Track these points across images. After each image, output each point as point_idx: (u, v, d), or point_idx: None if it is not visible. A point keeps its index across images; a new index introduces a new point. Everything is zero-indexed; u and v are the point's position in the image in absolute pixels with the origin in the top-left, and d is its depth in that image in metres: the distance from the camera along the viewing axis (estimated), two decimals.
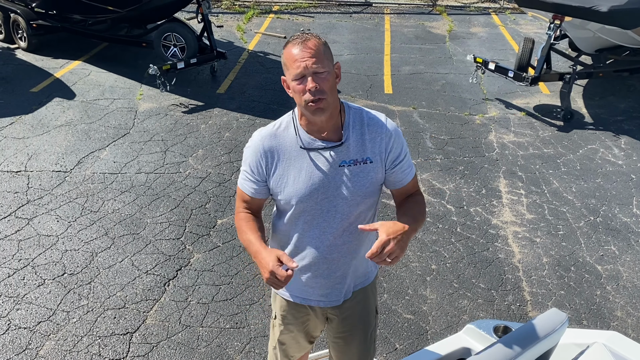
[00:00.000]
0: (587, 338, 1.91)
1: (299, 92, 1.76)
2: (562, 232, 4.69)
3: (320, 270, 2.03)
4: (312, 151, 1.86)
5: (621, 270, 4.26)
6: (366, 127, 1.89)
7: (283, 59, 1.80)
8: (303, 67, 1.72)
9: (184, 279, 4.00)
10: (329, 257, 1.99)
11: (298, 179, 1.87)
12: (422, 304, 3.87)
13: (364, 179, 1.88)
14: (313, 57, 1.72)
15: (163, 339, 3.49)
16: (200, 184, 5.15)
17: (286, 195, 1.90)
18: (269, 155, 1.89)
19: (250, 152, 1.94)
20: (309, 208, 1.91)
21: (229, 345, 3.47)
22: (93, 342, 3.45)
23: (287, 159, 1.88)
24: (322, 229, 1.95)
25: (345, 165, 1.85)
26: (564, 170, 5.66)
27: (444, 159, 5.78)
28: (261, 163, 1.90)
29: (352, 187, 1.87)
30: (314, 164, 1.86)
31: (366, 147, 1.87)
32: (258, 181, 1.94)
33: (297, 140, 1.87)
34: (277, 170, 1.90)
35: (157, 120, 6.37)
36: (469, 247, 4.47)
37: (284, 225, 2.02)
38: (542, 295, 4.00)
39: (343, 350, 2.32)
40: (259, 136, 1.93)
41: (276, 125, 1.94)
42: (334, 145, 1.85)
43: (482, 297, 3.96)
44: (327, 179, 1.86)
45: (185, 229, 4.52)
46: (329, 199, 1.89)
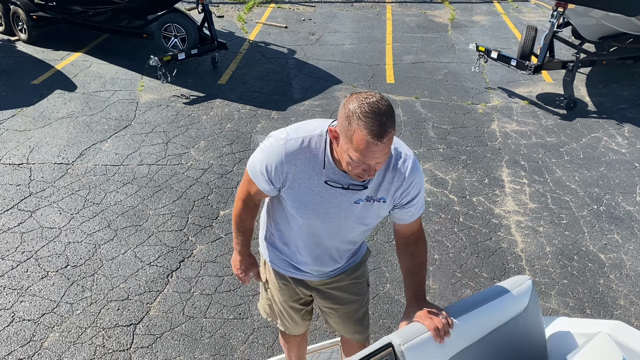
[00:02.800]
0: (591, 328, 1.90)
1: (352, 165, 1.64)
2: (565, 221, 4.68)
3: (311, 260, 2.10)
4: (334, 187, 1.81)
5: (624, 259, 4.25)
6: (390, 170, 1.82)
7: (348, 132, 1.57)
8: (370, 162, 1.61)
9: (187, 270, 4.00)
10: (322, 255, 2.08)
11: (311, 201, 1.85)
12: (425, 294, 3.86)
13: (373, 213, 1.90)
14: (384, 155, 1.61)
15: (167, 330, 3.51)
16: (203, 176, 5.14)
17: (295, 209, 1.90)
18: (289, 170, 1.80)
19: (271, 157, 1.81)
20: (313, 225, 1.94)
21: (233, 336, 3.47)
22: (97, 333, 3.46)
23: (307, 180, 1.82)
24: (321, 239, 2.01)
25: (360, 202, 1.85)
26: (567, 159, 5.63)
27: (447, 149, 5.76)
28: (279, 175, 1.82)
29: (360, 218, 1.91)
30: (329, 195, 1.83)
31: (384, 188, 1.84)
32: (271, 185, 1.87)
33: (323, 172, 1.79)
34: (292, 186, 1.84)
35: (158, 112, 6.35)
36: (472, 236, 4.47)
37: (283, 222, 2.05)
38: (545, 284, 3.99)
39: (337, 319, 2.39)
40: (282, 148, 1.78)
41: (304, 142, 1.78)
42: (357, 187, 1.80)
43: (485, 287, 3.95)
44: (338, 209, 1.87)
45: (188, 221, 4.52)
46: (334, 224, 1.93)
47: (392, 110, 1.58)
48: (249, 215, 2.11)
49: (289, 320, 2.41)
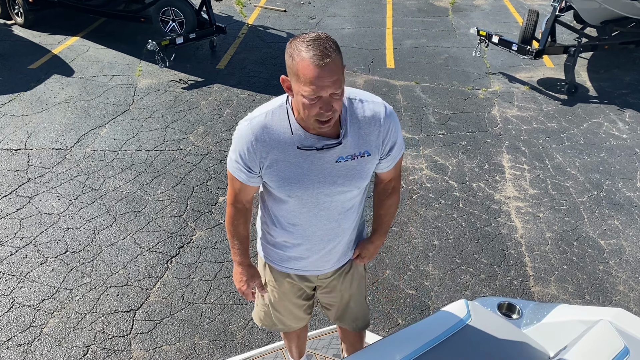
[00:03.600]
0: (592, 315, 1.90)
1: (309, 108, 1.63)
2: (565, 207, 4.67)
3: (312, 248, 2.04)
4: (308, 150, 1.77)
5: (624, 245, 4.25)
6: (363, 120, 1.79)
7: (293, 67, 1.60)
8: (322, 92, 1.59)
9: (187, 256, 4.00)
10: (322, 238, 2.00)
11: (293, 174, 1.80)
12: (425, 280, 3.87)
13: (360, 171, 1.84)
14: (334, 82, 1.58)
15: (166, 315, 3.51)
16: (202, 161, 5.12)
17: (280, 188, 1.84)
18: (262, 149, 1.77)
19: (240, 143, 1.80)
20: (304, 200, 1.88)
21: (232, 322, 3.48)
22: (96, 319, 3.46)
23: (282, 154, 1.78)
24: (316, 216, 1.94)
25: (342, 160, 1.80)
26: (567, 145, 5.61)
27: (447, 134, 5.73)
28: (254, 157, 1.79)
29: (348, 180, 1.84)
30: (309, 161, 1.78)
31: (364, 141, 1.81)
32: (250, 171, 1.83)
33: (293, 139, 1.76)
34: (271, 165, 1.80)
35: (156, 97, 6.31)
36: (472, 222, 4.46)
37: (277, 209, 1.98)
38: (544, 270, 3.99)
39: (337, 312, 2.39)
40: (248, 127, 1.77)
41: (268, 115, 1.78)
42: (331, 144, 1.77)
43: (484, 273, 3.96)
44: (323, 175, 1.81)
45: (187, 207, 4.51)
46: (324, 192, 1.86)
47: (334, 40, 1.63)
48: (241, 220, 2.01)
49: (291, 318, 2.38)
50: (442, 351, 1.80)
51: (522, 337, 1.98)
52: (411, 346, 1.77)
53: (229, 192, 1.98)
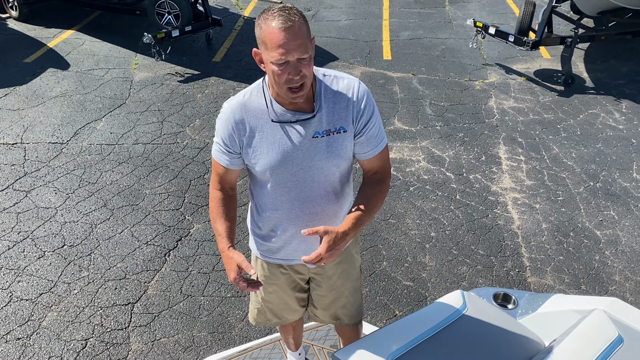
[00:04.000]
0: (586, 305, 1.91)
1: (278, 75, 1.69)
2: (562, 198, 4.68)
3: (297, 234, 2.03)
4: (284, 124, 1.82)
5: (620, 235, 4.27)
6: (337, 95, 1.84)
7: (261, 35, 1.68)
8: (288, 56, 1.64)
9: (185, 249, 4.01)
10: (309, 224, 1.99)
11: (271, 151, 1.84)
12: (422, 271, 3.89)
13: (337, 148, 1.86)
14: (299, 45, 1.64)
15: (165, 308, 3.52)
16: (198, 155, 5.12)
17: (260, 167, 1.88)
18: (241, 127, 1.84)
19: (221, 124, 1.88)
20: (284, 179, 1.90)
21: (231, 314, 3.49)
22: (95, 312, 3.47)
23: (260, 131, 1.84)
24: (300, 199, 1.95)
25: (318, 136, 1.83)
26: (564, 136, 5.62)
27: (444, 126, 5.74)
28: (233, 135, 1.85)
29: (326, 157, 1.86)
30: (286, 137, 1.83)
31: (339, 116, 1.84)
32: (231, 153, 1.89)
33: (269, 113, 1.82)
34: (250, 143, 1.85)
35: (153, 90, 6.29)
36: (468, 214, 4.47)
37: (261, 195, 2.00)
38: (541, 261, 4.01)
39: (327, 303, 2.34)
40: (228, 107, 1.87)
41: (245, 95, 1.87)
42: (306, 117, 1.82)
43: (481, 264, 3.97)
44: (300, 151, 1.84)
45: (185, 200, 4.51)
46: (304, 170, 1.88)
47: (300, 11, 1.69)
48: (225, 203, 1.99)
49: (286, 310, 2.38)
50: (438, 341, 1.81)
51: (518, 326, 1.99)
52: (408, 336, 1.78)
53: (212, 178, 2.01)
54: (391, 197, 4.62)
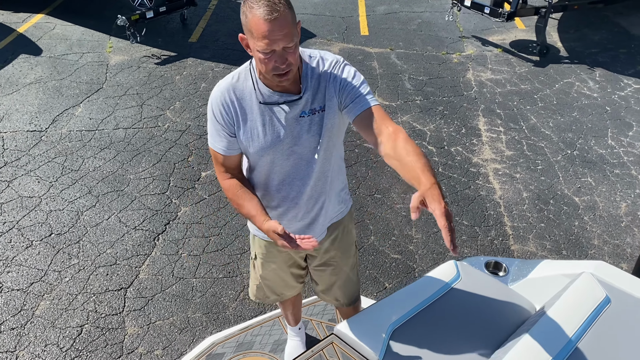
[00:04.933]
0: (574, 269, 2.00)
1: (265, 63, 1.70)
2: (541, 167, 4.80)
3: (295, 215, 2.08)
4: (272, 105, 1.85)
5: (597, 201, 4.41)
6: (323, 75, 1.87)
7: (247, 24, 1.67)
8: (274, 46, 1.65)
9: (173, 232, 4.02)
10: (302, 203, 2.04)
11: (261, 132, 1.87)
12: (409, 244, 3.98)
13: (325, 125, 1.89)
14: (285, 35, 1.64)
15: (158, 292, 3.55)
16: (181, 137, 5.09)
17: (252, 149, 1.91)
18: (232, 109, 1.87)
19: (214, 108, 1.89)
20: (276, 160, 1.93)
21: (224, 294, 3.54)
22: (88, 299, 3.49)
23: (249, 113, 1.87)
24: (292, 178, 1.99)
25: (305, 115, 1.86)
26: (541, 106, 5.73)
27: (424, 100, 5.79)
28: (226, 118, 1.87)
29: (314, 135, 1.89)
30: (275, 118, 1.86)
31: (323, 95, 1.87)
32: (228, 135, 1.90)
33: (257, 95, 1.85)
34: (241, 124, 1.88)
35: (130, 74, 6.21)
36: (452, 186, 4.56)
37: (255, 177, 2.04)
38: (523, 228, 4.13)
39: (327, 280, 2.38)
40: (218, 91, 1.88)
41: (234, 77, 1.88)
42: (293, 99, 1.84)
43: (465, 234, 4.08)
44: (289, 131, 1.87)
45: (170, 183, 4.51)
46: (293, 150, 1.91)
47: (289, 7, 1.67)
48: (239, 186, 1.95)
49: (284, 287, 2.42)
50: (435, 310, 1.88)
51: (510, 293, 2.08)
52: (405, 307, 1.85)
53: (217, 171, 2.00)
54: (375, 172, 4.69)
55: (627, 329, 1.75)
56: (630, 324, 1.77)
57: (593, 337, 1.68)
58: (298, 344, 2.75)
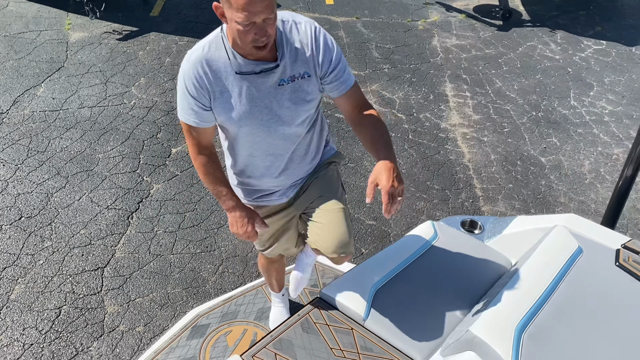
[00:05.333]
0: (547, 222, 2.08)
1: (244, 34, 1.65)
2: (508, 129, 4.91)
3: (278, 182, 2.08)
4: (249, 75, 1.79)
5: (562, 160, 4.55)
6: (298, 41, 1.82)
7: None
8: (254, 18, 1.60)
9: (147, 210, 3.99)
10: (284, 169, 2.04)
11: (238, 103, 1.82)
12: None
13: (303, 92, 1.86)
14: (266, 7, 1.59)
15: (135, 269, 3.54)
16: (148, 114, 5.01)
17: (229, 120, 1.86)
18: (206, 82, 1.79)
19: (185, 81, 1.81)
20: (255, 130, 1.89)
21: (202, 269, 3.55)
22: (64, 280, 3.45)
23: (224, 84, 1.80)
24: (272, 147, 1.96)
25: (284, 83, 1.82)
26: (505, 70, 5.82)
27: (391, 68, 5.82)
28: (200, 91, 1.80)
29: (294, 103, 1.86)
30: (253, 88, 1.81)
31: (301, 61, 1.83)
32: (202, 107, 1.83)
33: (232, 65, 1.78)
34: (216, 97, 1.82)
35: (91, 51, 6.03)
36: (422, 152, 4.63)
37: (234, 149, 2.01)
38: (492, 190, 4.24)
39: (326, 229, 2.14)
40: (189, 64, 1.80)
41: (205, 48, 1.79)
42: (270, 67, 1.79)
43: (437, 198, 4.16)
44: (267, 100, 1.83)
45: (140, 161, 4.45)
46: (273, 119, 1.87)
47: None
48: (213, 165, 1.99)
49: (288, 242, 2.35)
50: (415, 269, 1.94)
51: (486, 249, 2.15)
52: (387, 268, 1.90)
53: (190, 145, 1.96)
54: (347, 142, 4.72)
55: (598, 276, 1.84)
56: (601, 270, 1.86)
57: (568, 286, 1.76)
58: (282, 310, 2.79)
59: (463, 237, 2.20)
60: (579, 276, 1.79)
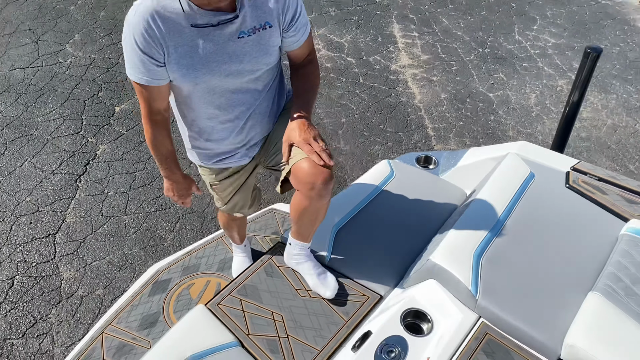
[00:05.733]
0: (500, 151, 2.11)
1: None
2: (456, 68, 4.93)
3: (238, 142, 1.98)
4: (204, 27, 1.64)
5: (509, 95, 4.63)
6: None
7: None
8: None
9: (95, 172, 3.85)
10: (243, 128, 1.94)
11: (195, 58, 1.66)
12: (338, 156, 4.04)
13: (266, 45, 1.74)
14: None
15: (89, 233, 3.43)
16: (87, 72, 4.76)
17: (184, 77, 1.71)
18: (158, 36, 1.61)
19: (135, 38, 1.62)
20: (213, 86, 1.76)
21: (159, 227, 3.48)
22: (14, 250, 3.32)
23: (179, 38, 1.63)
24: (231, 105, 1.85)
25: (244, 35, 1.69)
26: (451, 7, 5.80)
27: (337, 11, 5.69)
28: (152, 46, 1.63)
29: (255, 57, 1.74)
30: (210, 41, 1.66)
31: (262, 11, 1.70)
32: (154, 64, 1.66)
33: (186, 17, 1.62)
34: (170, 52, 1.65)
35: (17, 8, 5.63)
36: (373, 95, 4.61)
37: (189, 110, 1.87)
38: (443, 129, 4.29)
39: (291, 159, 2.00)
40: (137, 17, 1.60)
41: None
42: (229, 18, 1.65)
43: (391, 140, 4.18)
44: (227, 54, 1.69)
45: (83, 122, 4.25)
46: (233, 74, 1.75)
47: None
48: (163, 133, 1.86)
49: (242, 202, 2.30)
50: (374, 208, 1.95)
51: (442, 182, 2.18)
52: (347, 208, 1.89)
53: (142, 107, 1.81)
54: None
55: (550, 198, 1.89)
56: (552, 193, 1.92)
57: (522, 210, 1.81)
58: (245, 259, 2.76)
59: (419, 172, 2.22)
60: (532, 200, 1.84)
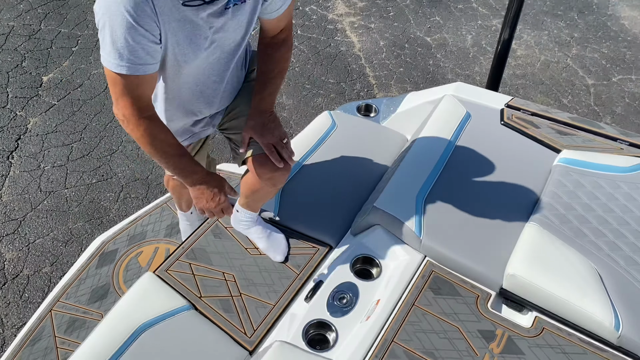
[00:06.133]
0: (437, 94, 2.14)
1: None
2: (393, 14, 4.91)
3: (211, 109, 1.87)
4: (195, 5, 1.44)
5: (447, 37, 4.66)
6: None
7: None
8: None
9: (28, 147, 3.67)
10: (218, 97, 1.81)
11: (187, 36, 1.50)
12: (282, 111, 3.99)
13: (252, 12, 1.61)
14: None
15: (28, 211, 3.30)
16: (6, 42, 4.46)
17: (172, 57, 1.54)
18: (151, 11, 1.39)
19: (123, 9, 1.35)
20: (199, 62, 1.61)
21: (102, 198, 3.38)
22: None
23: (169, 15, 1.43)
24: (213, 77, 1.73)
25: (230, 5, 1.53)
26: None
27: None
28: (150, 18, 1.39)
29: (241, 26, 1.62)
30: (202, 22, 1.49)
31: None
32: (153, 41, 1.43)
33: None
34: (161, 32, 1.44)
35: None
36: (312, 46, 4.55)
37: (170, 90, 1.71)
38: (384, 76, 4.30)
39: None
40: None
41: None
42: None
43: (334, 92, 4.16)
44: (214, 29, 1.54)
45: (9, 95, 4.02)
46: (221, 47, 1.62)
47: None
48: (161, 127, 1.59)
49: None
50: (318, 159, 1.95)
51: (383, 130, 2.20)
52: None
53: (127, 106, 1.50)
54: None
55: (486, 136, 1.94)
56: (488, 131, 1.97)
57: (460, 150, 1.85)
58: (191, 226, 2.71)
59: (360, 122, 2.23)
60: (470, 139, 1.88)
